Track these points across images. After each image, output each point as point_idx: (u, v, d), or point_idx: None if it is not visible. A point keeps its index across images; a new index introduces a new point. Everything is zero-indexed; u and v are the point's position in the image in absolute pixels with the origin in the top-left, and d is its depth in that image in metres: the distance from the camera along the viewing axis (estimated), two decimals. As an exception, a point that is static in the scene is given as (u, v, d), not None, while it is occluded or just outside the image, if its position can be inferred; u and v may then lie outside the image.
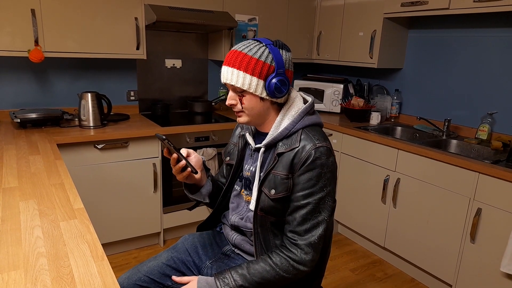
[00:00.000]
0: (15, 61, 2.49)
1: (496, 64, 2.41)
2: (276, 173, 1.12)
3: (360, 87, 3.28)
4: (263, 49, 1.09)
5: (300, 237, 1.09)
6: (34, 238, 1.03)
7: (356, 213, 2.74)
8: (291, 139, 1.13)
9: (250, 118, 1.16)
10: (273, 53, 1.09)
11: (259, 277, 1.08)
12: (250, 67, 1.08)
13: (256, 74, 1.08)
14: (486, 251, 1.96)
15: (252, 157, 1.24)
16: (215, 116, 3.00)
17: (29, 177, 1.47)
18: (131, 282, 1.23)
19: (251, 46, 1.10)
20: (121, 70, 2.86)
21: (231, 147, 1.35)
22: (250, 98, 1.12)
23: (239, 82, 1.09)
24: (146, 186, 2.52)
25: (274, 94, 1.10)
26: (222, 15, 2.71)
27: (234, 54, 1.10)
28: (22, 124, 2.29)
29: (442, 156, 2.11)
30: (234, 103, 1.15)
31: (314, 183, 1.08)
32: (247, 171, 1.25)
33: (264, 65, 1.08)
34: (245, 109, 1.14)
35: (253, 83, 1.09)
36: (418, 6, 2.47)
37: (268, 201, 1.13)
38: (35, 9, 2.18)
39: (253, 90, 1.10)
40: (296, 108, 1.16)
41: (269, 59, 1.09)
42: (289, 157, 1.10)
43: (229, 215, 1.30)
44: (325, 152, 1.09)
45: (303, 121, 1.14)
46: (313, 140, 1.10)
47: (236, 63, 1.09)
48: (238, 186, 1.29)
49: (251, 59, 1.08)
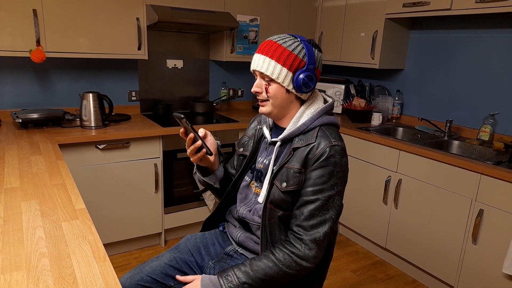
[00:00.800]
0: (17, 61, 2.49)
1: (498, 65, 2.41)
2: (289, 167, 1.13)
3: (362, 87, 3.28)
4: (297, 44, 1.12)
5: (306, 232, 1.09)
6: (36, 238, 1.03)
7: (358, 214, 2.74)
8: (308, 135, 1.15)
9: (273, 109, 1.17)
10: (307, 49, 1.12)
11: (262, 273, 1.08)
12: (282, 57, 1.10)
13: (287, 66, 1.11)
14: (488, 252, 1.96)
15: (267, 150, 1.26)
16: (217, 117, 3.00)
17: (31, 177, 1.47)
18: (133, 282, 1.22)
19: (286, 39, 1.13)
20: (123, 70, 2.86)
21: (246, 139, 1.36)
22: (277, 88, 1.14)
23: (269, 70, 1.11)
24: (147, 187, 2.52)
25: (301, 88, 1.13)
26: (223, 16, 2.71)
27: (269, 43, 1.13)
28: (24, 124, 2.29)
29: (444, 157, 2.10)
30: (260, 91, 1.16)
31: (326, 180, 1.09)
32: (260, 164, 1.26)
33: (296, 58, 1.11)
34: (270, 98, 1.15)
35: (282, 73, 1.11)
36: (420, 7, 2.46)
37: (278, 194, 1.14)
38: (37, 10, 2.18)
39: (281, 80, 1.12)
40: (316, 106, 1.18)
41: (301, 54, 1.11)
42: (303, 152, 1.12)
43: (237, 207, 1.30)
44: (339, 151, 1.11)
45: (321, 119, 1.16)
46: (330, 138, 1.11)
47: (270, 52, 1.11)
48: (248, 177, 1.30)
49: (284, 50, 1.10)
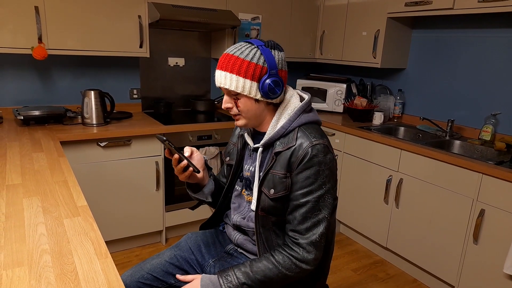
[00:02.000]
0: (19, 58, 2.49)
1: (500, 64, 2.40)
2: (274, 173, 1.12)
3: (363, 87, 3.27)
4: (254, 51, 1.09)
5: (302, 236, 1.09)
6: (38, 235, 1.03)
7: (359, 213, 2.74)
8: (288, 137, 1.13)
9: (247, 121, 1.17)
10: (265, 54, 1.09)
11: (262, 275, 1.08)
12: (242, 70, 1.07)
13: (249, 77, 1.08)
14: (489, 252, 1.96)
15: (251, 157, 1.24)
16: (218, 115, 3.00)
17: (33, 174, 1.48)
18: (134, 280, 1.23)
19: (242, 49, 1.10)
20: (124, 68, 2.86)
21: (231, 147, 1.35)
22: (245, 101, 1.12)
23: (232, 85, 1.09)
24: (148, 184, 2.52)
25: (268, 95, 1.10)
26: (225, 14, 2.71)
27: (226, 57, 1.10)
28: (25, 121, 2.29)
29: (445, 157, 2.10)
30: (230, 106, 1.15)
31: (313, 181, 1.08)
32: (247, 171, 1.25)
33: (256, 67, 1.08)
34: (241, 112, 1.14)
35: (246, 86, 1.09)
36: (422, 6, 2.46)
37: (268, 201, 1.13)
38: (38, 7, 2.18)
39: (247, 93, 1.10)
40: (292, 107, 1.16)
41: (261, 61, 1.08)
42: (286, 156, 1.10)
43: (231, 215, 1.30)
44: (322, 150, 1.08)
45: (299, 119, 1.14)
46: (310, 138, 1.10)
47: (229, 66, 1.09)
48: (239, 186, 1.29)
49: (243, 62, 1.08)
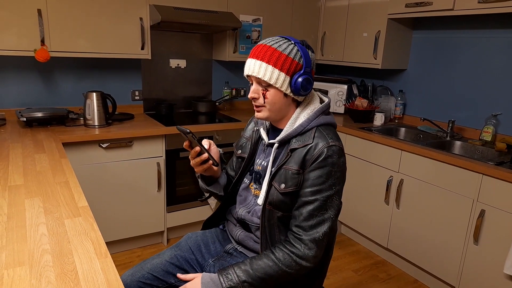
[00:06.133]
0: (22, 61, 2.51)
1: (500, 65, 2.40)
2: (287, 168, 1.13)
3: (364, 87, 3.28)
4: (292, 46, 1.11)
5: (305, 232, 1.10)
6: (39, 235, 1.04)
7: (359, 214, 2.74)
8: (305, 136, 1.14)
9: (270, 114, 1.16)
10: (302, 52, 1.11)
11: (262, 272, 1.09)
12: (279, 62, 1.09)
13: (284, 70, 1.09)
14: (490, 252, 1.96)
15: (265, 152, 1.25)
16: (219, 116, 3.01)
17: (35, 175, 1.49)
18: (134, 280, 1.24)
19: (280, 42, 1.11)
20: (126, 70, 2.88)
21: (243, 140, 1.36)
22: (275, 93, 1.13)
23: (266, 75, 1.09)
24: (150, 185, 2.53)
25: (299, 92, 1.11)
26: (226, 16, 2.72)
27: (263, 48, 1.10)
28: (28, 123, 2.32)
29: (446, 157, 2.10)
30: (257, 97, 1.15)
31: (324, 181, 1.09)
32: (259, 165, 1.26)
33: (292, 62, 1.09)
34: (267, 104, 1.14)
35: (280, 78, 1.10)
36: (422, 7, 2.46)
37: (277, 195, 1.14)
38: (41, 9, 2.20)
39: (279, 85, 1.10)
40: (312, 107, 1.17)
41: (297, 57, 1.10)
42: (301, 153, 1.12)
43: (236, 209, 1.31)
44: (337, 151, 1.10)
45: (318, 120, 1.15)
46: (327, 139, 1.11)
47: (266, 56, 1.09)
48: (247, 179, 1.30)
49: (281, 54, 1.09)
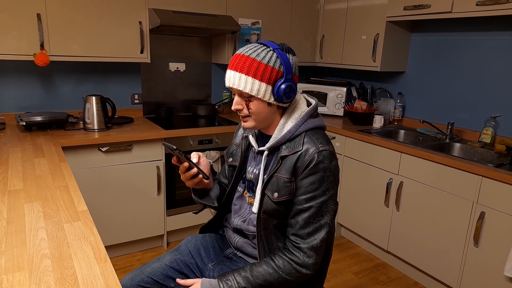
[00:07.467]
0: (21, 65, 2.52)
1: (499, 67, 2.41)
2: (279, 176, 1.12)
3: (363, 90, 3.28)
4: (271, 54, 1.08)
5: (303, 240, 1.09)
6: (38, 239, 1.04)
7: (359, 216, 2.74)
8: (294, 142, 1.12)
9: (256, 123, 1.15)
10: (281, 58, 1.08)
11: (262, 279, 1.08)
12: (259, 72, 1.06)
13: (265, 80, 1.07)
14: (490, 255, 1.95)
15: (255, 159, 1.24)
16: (219, 119, 3.02)
17: (34, 179, 1.49)
18: (134, 283, 1.23)
19: (258, 51, 1.08)
20: (126, 73, 2.88)
21: (234, 147, 1.34)
22: (258, 104, 1.11)
23: (247, 87, 1.07)
24: (149, 189, 2.53)
25: (282, 99, 1.09)
26: (225, 19, 2.73)
27: (241, 58, 1.08)
28: (28, 127, 2.32)
29: (445, 160, 2.10)
30: (241, 108, 1.13)
31: (317, 187, 1.08)
32: (251, 174, 1.24)
33: (272, 71, 1.07)
34: (252, 114, 1.13)
35: (261, 89, 1.07)
36: (420, 10, 2.47)
37: (271, 204, 1.13)
38: (40, 14, 2.21)
39: (261, 96, 1.08)
40: (299, 111, 1.15)
41: (277, 64, 1.07)
42: (292, 161, 1.10)
43: (231, 218, 1.30)
44: (328, 156, 1.08)
45: (306, 124, 1.14)
46: (316, 144, 1.09)
47: (244, 68, 1.06)
48: (241, 187, 1.29)
49: (259, 64, 1.06)
